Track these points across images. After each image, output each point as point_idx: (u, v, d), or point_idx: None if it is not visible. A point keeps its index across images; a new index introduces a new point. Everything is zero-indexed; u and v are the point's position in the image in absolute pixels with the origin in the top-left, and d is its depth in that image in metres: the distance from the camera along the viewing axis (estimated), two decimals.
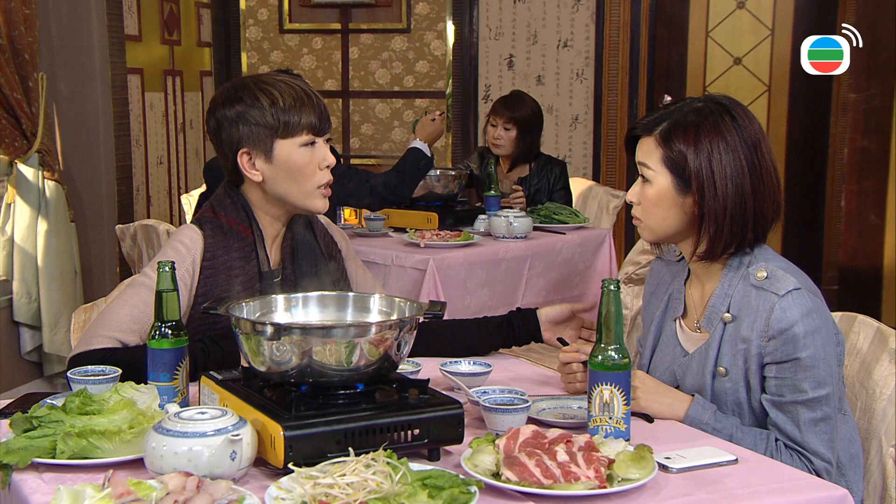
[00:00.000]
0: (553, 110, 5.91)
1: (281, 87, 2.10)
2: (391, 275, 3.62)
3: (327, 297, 1.81)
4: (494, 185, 4.20)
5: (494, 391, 1.84)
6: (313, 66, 6.17)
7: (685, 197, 1.92)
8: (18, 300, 4.56)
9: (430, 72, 6.08)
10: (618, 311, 1.70)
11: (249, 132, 2.09)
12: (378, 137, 6.15)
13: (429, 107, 6.08)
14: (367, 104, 6.18)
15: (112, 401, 1.66)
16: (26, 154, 4.45)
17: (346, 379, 1.62)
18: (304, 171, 2.11)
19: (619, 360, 1.69)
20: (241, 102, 2.09)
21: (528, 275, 3.90)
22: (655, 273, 2.16)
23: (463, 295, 3.64)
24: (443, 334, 2.27)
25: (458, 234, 3.78)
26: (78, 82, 4.81)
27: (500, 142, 4.53)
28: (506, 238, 3.89)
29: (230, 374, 1.74)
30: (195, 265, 2.09)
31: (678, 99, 2.03)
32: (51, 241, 4.54)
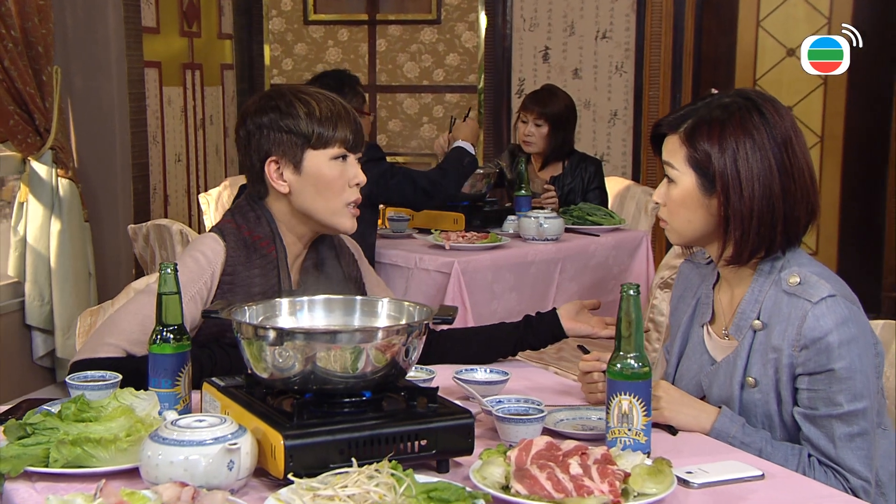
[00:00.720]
0: (590, 105, 5.90)
1: (318, 97, 2.14)
2: (414, 278, 3.64)
3: (334, 300, 1.83)
4: (525, 184, 4.20)
5: (510, 400, 1.85)
6: (339, 60, 6.21)
7: (710, 198, 1.92)
8: (31, 303, 4.62)
9: (460, 65, 6.09)
10: (637, 318, 1.70)
11: (280, 140, 2.12)
12: (406, 134, 6.17)
13: (459, 102, 6.09)
14: (394, 99, 6.21)
15: (110, 408, 1.68)
16: (39, 151, 4.51)
17: (352, 386, 1.64)
18: (333, 187, 2.13)
19: (639, 368, 1.70)
20: (275, 110, 2.12)
21: (560, 279, 3.90)
22: (684, 276, 2.16)
23: (489, 300, 3.65)
24: (459, 341, 2.29)
25: (484, 236, 3.79)
26: (93, 76, 4.88)
27: (530, 139, 4.54)
28: (536, 240, 3.90)
29: (232, 381, 1.77)
30: (214, 278, 2.12)
31: (706, 94, 2.02)
32: (64, 242, 4.60)
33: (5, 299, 4.60)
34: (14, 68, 4.32)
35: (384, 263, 3.76)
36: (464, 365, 2.14)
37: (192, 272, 2.11)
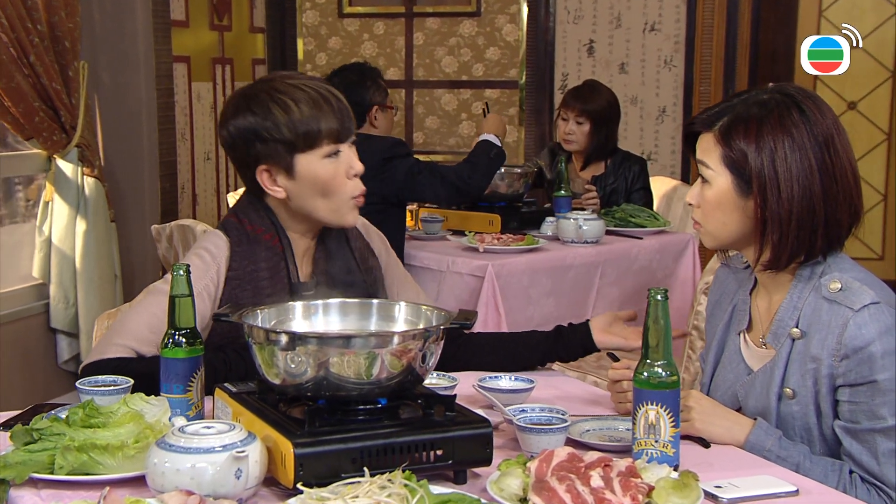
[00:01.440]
0: (637, 102, 5.88)
1: (295, 93, 2.11)
2: (446, 282, 3.65)
3: (349, 304, 1.84)
4: (565, 184, 4.20)
5: (533, 409, 1.85)
6: (374, 54, 6.24)
7: (747, 200, 1.91)
8: (55, 305, 4.69)
9: (501, 59, 6.10)
10: (666, 324, 1.70)
11: (265, 148, 2.11)
12: (444, 131, 6.19)
13: (500, 98, 6.10)
14: (432, 95, 6.23)
15: (119, 413, 1.71)
16: (65, 149, 4.57)
17: (367, 393, 1.65)
18: (332, 185, 2.14)
19: (667, 377, 1.70)
20: (252, 114, 2.11)
21: (600, 283, 3.90)
22: (720, 281, 2.15)
23: (525, 305, 3.65)
24: (485, 348, 2.30)
25: (521, 238, 3.80)
26: (120, 71, 4.95)
27: (571, 137, 4.54)
28: (575, 243, 3.90)
29: (245, 387, 1.79)
30: (220, 274, 2.14)
31: (744, 90, 2.02)
32: (90, 243, 4.65)
33: (30, 301, 4.67)
34: (40, 63, 4.38)
35: (415, 266, 3.77)
36: (489, 372, 2.15)
37: (198, 269, 2.14)
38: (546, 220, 4.11)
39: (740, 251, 2.02)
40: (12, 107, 4.29)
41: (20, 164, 4.68)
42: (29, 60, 4.35)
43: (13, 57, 4.26)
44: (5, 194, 4.79)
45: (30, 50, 4.33)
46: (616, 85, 5.79)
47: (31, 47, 4.34)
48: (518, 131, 6.07)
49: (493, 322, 3.50)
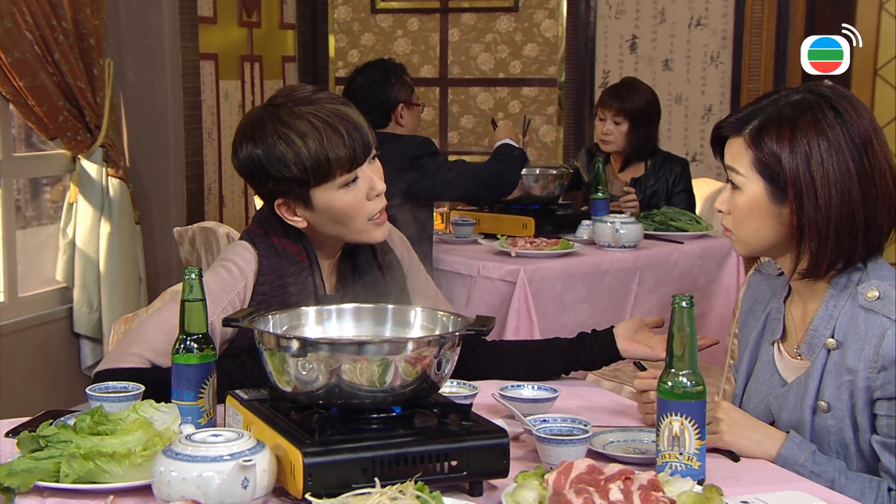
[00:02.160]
0: (682, 100, 5.86)
1: (300, 126, 2.08)
2: (476, 287, 3.66)
3: (363, 309, 1.86)
4: (602, 186, 4.20)
5: (555, 420, 1.86)
6: (408, 51, 6.27)
7: (781, 206, 1.90)
8: (79, 310, 4.75)
9: (539, 56, 6.10)
10: (691, 332, 1.70)
11: (278, 186, 2.11)
12: (479, 131, 6.20)
13: (538, 96, 6.10)
14: (467, 93, 6.24)
15: (128, 420, 1.74)
16: (90, 149, 4.63)
17: (380, 401, 1.67)
18: (351, 212, 2.14)
19: (692, 387, 1.69)
20: (260, 145, 2.09)
21: (638, 290, 3.89)
22: (753, 288, 2.15)
23: (559, 311, 3.65)
24: (507, 356, 2.30)
25: (554, 242, 3.80)
26: (146, 70, 5.01)
27: (609, 137, 4.53)
28: (611, 247, 3.89)
29: (257, 394, 1.81)
30: (247, 289, 2.15)
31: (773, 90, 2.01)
32: (114, 245, 4.71)
33: (53, 305, 4.74)
34: (64, 62, 4.44)
35: (445, 271, 3.79)
36: (511, 381, 2.15)
37: (226, 282, 2.15)
38: (582, 223, 4.11)
39: (774, 259, 2.02)
40: (36, 106, 4.35)
41: (44, 165, 4.75)
42: (53, 58, 4.41)
43: (37, 55, 4.33)
44: (29, 196, 4.86)
45: (54, 48, 4.39)
46: (659, 83, 5.77)
47: (56, 45, 4.40)
48: (557, 131, 6.07)
49: (525, 329, 3.51)
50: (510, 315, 3.53)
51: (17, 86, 4.28)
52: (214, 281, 2.15)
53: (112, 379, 2.01)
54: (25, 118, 4.44)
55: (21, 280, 4.59)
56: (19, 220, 4.68)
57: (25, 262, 4.65)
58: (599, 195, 4.18)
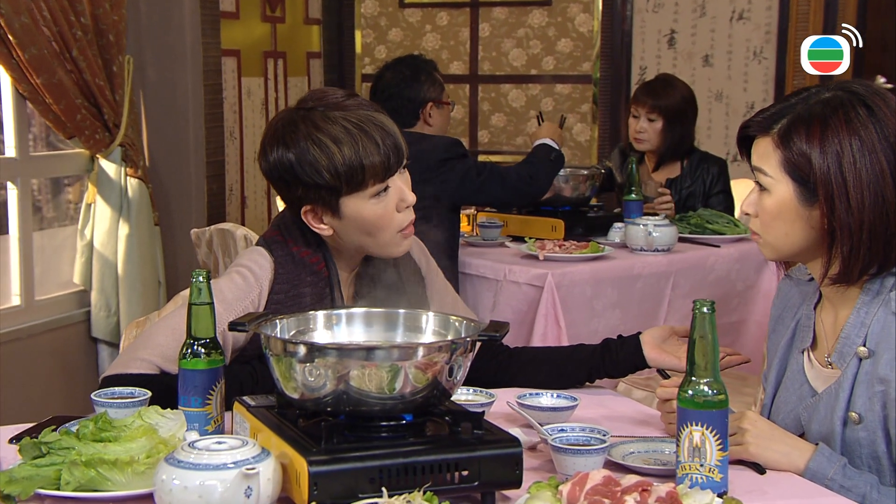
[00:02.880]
0: (722, 97, 5.84)
1: (334, 131, 2.09)
2: (503, 292, 3.67)
3: (374, 314, 1.87)
4: (636, 187, 4.19)
5: (573, 429, 1.86)
6: (437, 47, 6.29)
7: (811, 209, 1.89)
8: (96, 313, 4.78)
9: (574, 52, 6.10)
10: (713, 338, 1.70)
11: (307, 192, 2.12)
12: (511, 130, 6.21)
13: (571, 94, 6.10)
14: (498, 90, 6.25)
15: (132, 427, 1.76)
16: (108, 148, 4.65)
17: (390, 408, 1.68)
18: (380, 224, 2.15)
19: (713, 395, 1.69)
20: (289, 151, 2.10)
21: (672, 295, 3.88)
22: (783, 294, 2.14)
23: (588, 317, 3.65)
24: (529, 363, 2.31)
25: (584, 245, 3.80)
26: (166, 66, 5.04)
27: (642, 136, 4.53)
28: (644, 251, 3.89)
29: (265, 401, 1.82)
30: (262, 297, 2.17)
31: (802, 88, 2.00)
32: (132, 247, 4.73)
33: (70, 309, 4.77)
34: (83, 58, 4.46)
35: (470, 275, 3.80)
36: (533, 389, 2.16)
37: (240, 289, 2.17)
38: (614, 226, 4.10)
39: (804, 263, 2.01)
40: (53, 104, 4.37)
41: (61, 165, 4.78)
42: (71, 55, 4.43)
43: (55, 51, 4.35)
44: (46, 196, 4.91)
45: (72, 44, 4.41)
46: (699, 79, 5.76)
47: (74, 41, 4.42)
48: (591, 130, 6.07)
49: (553, 336, 3.51)
50: (537, 321, 3.54)
51: (34, 83, 4.30)
52: (228, 287, 2.17)
53: (119, 384, 2.04)
54: (43, 116, 4.47)
55: (38, 283, 4.62)
56: (36, 222, 4.73)
57: (42, 264, 4.69)
58: (632, 196, 4.17)
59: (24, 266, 4.54)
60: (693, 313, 1.71)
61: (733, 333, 4.01)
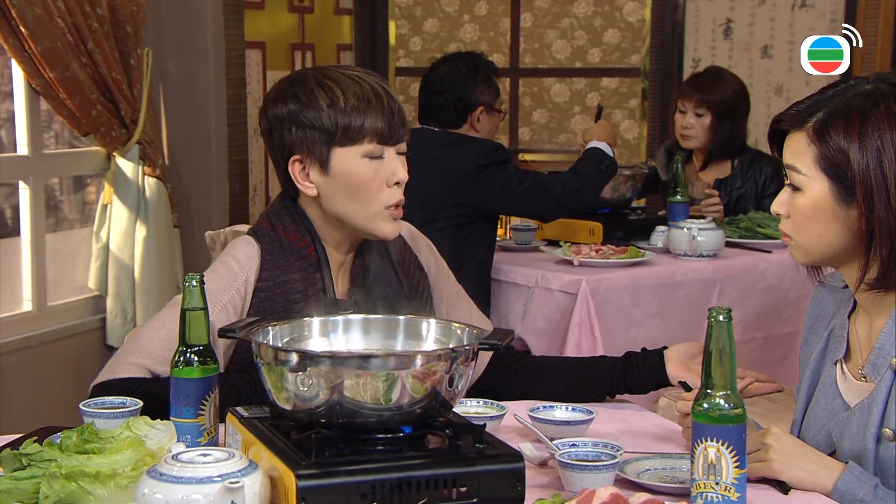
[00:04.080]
0: (783, 91, 5.81)
1: (345, 83, 2.20)
2: (535, 299, 3.68)
3: (373, 321, 1.90)
4: (681, 188, 4.18)
5: (585, 444, 1.88)
6: (475, 38, 6.31)
7: (848, 208, 1.90)
8: (112, 320, 4.82)
9: (621, 43, 6.10)
10: (729, 349, 1.71)
11: (303, 136, 2.20)
12: (553, 127, 6.22)
13: (619, 88, 6.10)
14: (541, 85, 6.26)
15: (119, 438, 1.79)
16: (125, 146, 4.70)
17: (386, 420, 1.71)
18: (367, 188, 2.21)
19: (729, 409, 1.70)
20: (295, 100, 2.20)
21: (718, 304, 3.87)
22: (816, 302, 2.14)
23: (626, 327, 3.66)
24: (546, 375, 2.33)
25: (623, 250, 3.80)
26: (187, 60, 5.08)
27: (689, 132, 4.52)
28: (688, 256, 3.89)
29: (259, 412, 1.86)
30: (248, 285, 2.22)
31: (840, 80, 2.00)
32: (150, 251, 4.77)
33: (85, 315, 4.82)
34: (99, 51, 4.50)
35: (501, 281, 3.81)
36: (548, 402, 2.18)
37: (224, 279, 2.22)
38: (656, 229, 4.10)
39: (837, 268, 2.01)
40: (67, 99, 4.41)
41: (76, 163, 4.83)
42: (86, 47, 4.47)
43: (69, 44, 4.39)
44: (60, 196, 4.96)
45: (87, 36, 4.45)
46: (757, 72, 5.73)
47: (90, 33, 4.46)
48: (639, 127, 6.06)
49: (588, 346, 3.52)
50: (571, 330, 3.55)
51: (47, 77, 4.34)
52: (212, 279, 2.21)
53: (110, 392, 2.08)
54: (57, 112, 4.51)
55: (51, 288, 4.67)
56: (49, 223, 4.78)
57: (55, 268, 4.74)
58: (678, 198, 4.16)
59: (36, 270, 4.59)
60: (708, 321, 1.72)
61: (785, 346, 4.00)
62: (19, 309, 4.56)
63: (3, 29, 4.16)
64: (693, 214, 4.21)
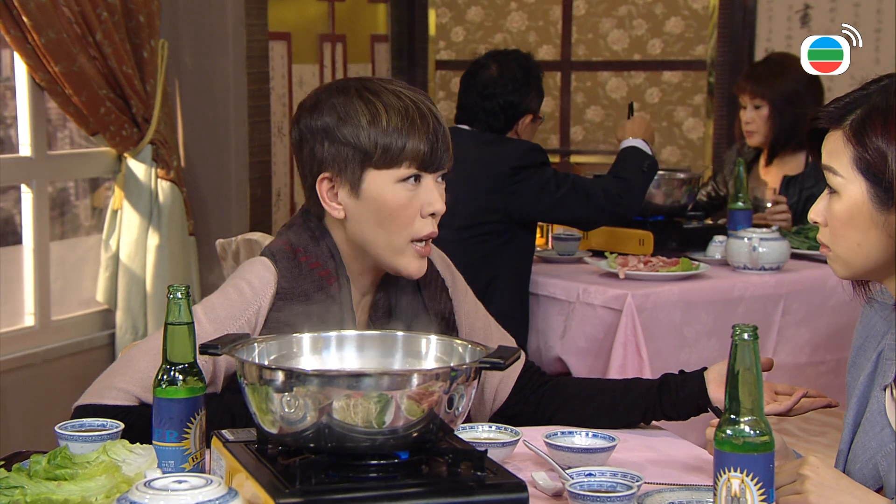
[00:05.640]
0: None
1: (388, 99, 2.20)
2: (575, 316, 3.69)
3: (368, 337, 1.93)
4: (743, 193, 4.18)
5: (602, 473, 1.90)
6: (523, 28, 6.32)
7: (888, 213, 1.90)
8: (122, 336, 4.85)
9: (685, 33, 6.09)
10: (755, 370, 1.72)
11: (335, 153, 2.20)
12: (609, 125, 6.22)
13: (682, 82, 6.09)
14: (595, 79, 6.27)
15: (94, 463, 1.83)
16: (137, 146, 4.73)
17: (379, 444, 1.73)
18: (398, 217, 2.21)
19: (755, 436, 1.71)
20: (332, 113, 2.21)
21: (782, 323, 3.87)
22: (865, 321, 2.14)
23: (677, 348, 3.66)
24: (574, 399, 2.34)
25: (674, 262, 3.81)
26: (205, 52, 5.12)
27: (750, 127, 4.52)
28: (748, 269, 3.89)
29: (246, 435, 1.89)
30: (260, 315, 2.24)
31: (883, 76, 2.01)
32: (163, 261, 4.80)
33: (92, 331, 4.86)
34: (108, 43, 4.52)
35: (539, 295, 3.83)
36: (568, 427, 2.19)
37: (235, 306, 2.24)
38: (714, 239, 4.10)
39: (881, 281, 2.01)
40: (74, 95, 4.43)
41: (83, 165, 4.88)
42: (95, 39, 4.49)
43: (76, 35, 4.42)
44: (66, 201, 5.02)
45: (96, 26, 4.47)
46: None
47: (99, 23, 4.48)
48: (705, 125, 6.05)
49: (634, 368, 3.53)
50: (615, 350, 3.56)
51: (51, 71, 4.36)
52: (221, 303, 2.23)
53: (93, 415, 2.11)
54: (62, 109, 4.53)
55: (55, 301, 4.71)
56: (54, 231, 4.82)
57: (61, 279, 4.78)
58: (739, 204, 4.16)
59: (39, 281, 4.62)
60: (732, 340, 1.73)
61: None
62: (20, 324, 4.60)
63: (5, 19, 4.19)
64: (756, 223, 4.20)
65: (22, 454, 2.12)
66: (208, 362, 2.16)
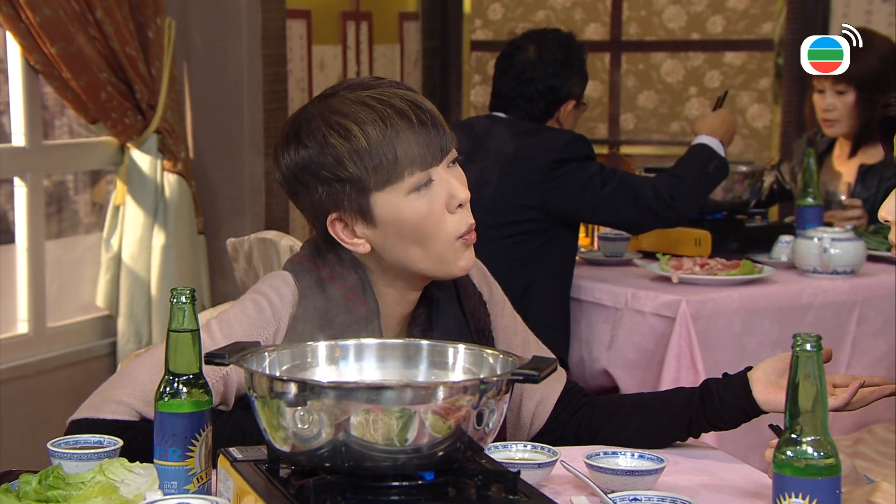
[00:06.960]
0: None
1: (357, 112, 2.16)
2: (623, 324, 3.69)
3: (390, 346, 1.94)
4: (813, 188, 4.17)
5: (649, 498, 1.90)
6: (568, 5, 6.33)
7: None
8: (124, 344, 4.86)
9: (750, 9, 6.09)
10: (820, 384, 1.72)
11: (331, 192, 2.18)
12: (664, 112, 6.22)
13: (746, 64, 6.08)
14: (648, 61, 6.27)
15: (89, 484, 1.85)
16: (141, 135, 4.75)
17: (402, 464, 1.74)
18: (426, 227, 2.18)
19: (819, 458, 1.71)
20: (304, 146, 2.17)
21: (857, 332, 3.86)
22: None
23: (737, 359, 3.64)
24: (614, 415, 2.34)
25: (734, 265, 3.80)
26: (216, 32, 5.14)
27: (831, 115, 4.46)
28: (818, 272, 3.88)
29: (256, 453, 1.90)
30: (277, 337, 2.23)
31: None
32: (169, 261, 4.81)
33: (92, 339, 4.88)
34: (109, 21, 4.54)
35: (583, 301, 3.83)
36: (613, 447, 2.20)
37: (254, 324, 2.23)
38: (780, 239, 4.09)
39: None
40: (72, 79, 4.45)
41: (82, 157, 4.91)
42: (95, 17, 4.51)
43: (75, 13, 4.44)
44: (63, 196, 5.05)
45: (96, 3, 4.48)
46: None
47: (99, 0, 4.52)
48: (772, 112, 6.04)
49: (688, 383, 3.50)
50: (667, 362, 3.55)
51: (47, 53, 4.38)
52: (238, 319, 2.23)
53: (89, 431, 2.12)
54: (59, 95, 4.55)
55: (51, 306, 4.74)
56: (50, 229, 4.84)
57: (57, 282, 4.80)
58: (808, 200, 4.15)
59: (33, 284, 4.65)
60: (793, 351, 1.73)
61: None
62: (13, 331, 4.64)
63: None
64: (827, 221, 4.18)
65: (12, 473, 2.14)
66: (219, 381, 2.17)
